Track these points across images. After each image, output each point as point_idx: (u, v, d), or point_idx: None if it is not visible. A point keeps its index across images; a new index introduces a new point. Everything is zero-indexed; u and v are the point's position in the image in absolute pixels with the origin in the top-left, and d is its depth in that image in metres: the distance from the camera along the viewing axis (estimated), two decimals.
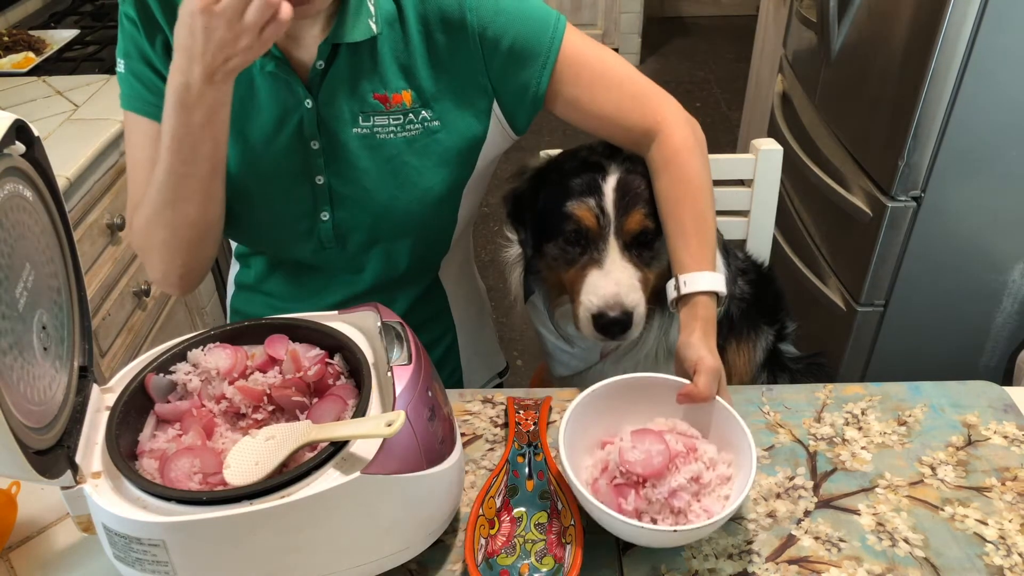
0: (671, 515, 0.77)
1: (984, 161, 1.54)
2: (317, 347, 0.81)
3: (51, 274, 0.74)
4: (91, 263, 1.63)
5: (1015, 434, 0.95)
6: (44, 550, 0.85)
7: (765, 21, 2.69)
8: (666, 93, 1.04)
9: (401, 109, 0.99)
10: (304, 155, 0.99)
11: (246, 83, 0.97)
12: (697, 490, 0.78)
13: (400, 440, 0.67)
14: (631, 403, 0.86)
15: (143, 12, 0.95)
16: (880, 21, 1.65)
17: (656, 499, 0.77)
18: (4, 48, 2.03)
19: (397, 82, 0.98)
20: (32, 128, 0.72)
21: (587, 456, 0.84)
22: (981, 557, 0.80)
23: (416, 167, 1.01)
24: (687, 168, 0.99)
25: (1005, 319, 1.73)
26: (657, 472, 0.77)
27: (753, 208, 1.31)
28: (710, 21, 4.82)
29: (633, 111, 1.01)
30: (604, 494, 0.79)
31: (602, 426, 0.85)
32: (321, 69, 0.95)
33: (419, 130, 1.00)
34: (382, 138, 0.99)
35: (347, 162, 1.00)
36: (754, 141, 1.29)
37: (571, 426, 0.81)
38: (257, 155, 1.00)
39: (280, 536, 0.66)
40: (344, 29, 0.93)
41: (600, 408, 0.85)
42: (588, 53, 1.01)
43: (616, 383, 0.86)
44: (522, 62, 0.98)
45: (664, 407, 0.86)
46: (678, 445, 0.80)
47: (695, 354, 0.87)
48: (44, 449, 0.66)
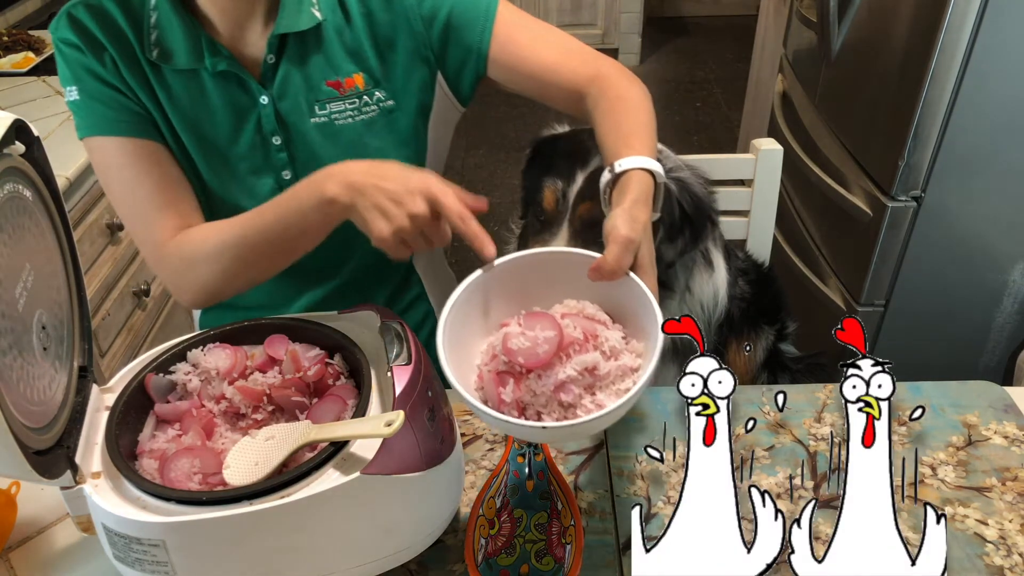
0: (560, 409, 0.70)
1: (984, 161, 1.54)
2: (317, 347, 0.81)
3: (51, 274, 0.74)
4: (91, 263, 1.63)
5: (1015, 434, 0.95)
6: (44, 550, 0.85)
7: (765, 21, 2.69)
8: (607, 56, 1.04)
9: (355, 93, 1.00)
10: (266, 152, 1.00)
11: (197, 87, 0.97)
12: (591, 382, 0.70)
13: (400, 440, 0.67)
14: (544, 282, 0.77)
15: (83, 34, 0.94)
16: (880, 21, 1.65)
17: (542, 391, 0.70)
18: (4, 48, 2.03)
19: (347, 66, 0.99)
20: (32, 128, 0.71)
21: (484, 340, 0.76)
22: (981, 557, 0.80)
23: (379, 148, 1.02)
24: (627, 95, 0.96)
25: (1005, 319, 1.73)
26: (542, 362, 0.69)
27: (753, 208, 1.31)
28: (710, 21, 4.82)
29: (573, 61, 1.00)
30: (487, 382, 0.72)
31: (508, 306, 0.77)
32: (272, 62, 0.96)
33: (375, 111, 1.01)
34: (340, 124, 1.00)
35: (310, 153, 1.00)
36: (754, 141, 1.29)
37: (465, 303, 0.73)
38: (219, 158, 1.00)
39: (280, 536, 0.65)
40: (288, 19, 0.94)
41: (508, 286, 0.76)
42: (522, 14, 1.03)
43: (526, 257, 0.77)
44: (462, 28, 0.99)
45: (578, 287, 0.76)
46: (575, 332, 0.71)
47: (610, 224, 0.76)
48: (44, 449, 0.66)
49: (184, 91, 0.97)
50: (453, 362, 0.69)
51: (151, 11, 0.94)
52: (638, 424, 0.98)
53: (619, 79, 0.98)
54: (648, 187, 0.82)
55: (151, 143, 0.97)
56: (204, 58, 0.94)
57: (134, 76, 0.95)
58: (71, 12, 0.94)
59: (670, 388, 1.05)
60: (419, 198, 0.78)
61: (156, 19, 0.94)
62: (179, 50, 0.94)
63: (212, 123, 0.98)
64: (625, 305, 0.75)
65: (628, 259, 0.74)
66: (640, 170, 0.82)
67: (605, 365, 0.70)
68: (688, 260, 1.14)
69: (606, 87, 0.97)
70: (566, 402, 0.69)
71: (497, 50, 1.00)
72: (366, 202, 0.80)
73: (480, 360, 0.75)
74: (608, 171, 0.85)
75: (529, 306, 0.76)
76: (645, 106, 0.96)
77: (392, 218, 0.79)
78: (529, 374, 0.70)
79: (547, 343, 0.70)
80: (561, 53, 1.01)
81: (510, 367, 0.71)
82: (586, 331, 0.72)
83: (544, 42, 1.02)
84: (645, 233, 0.77)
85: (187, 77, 0.96)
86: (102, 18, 0.94)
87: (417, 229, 0.79)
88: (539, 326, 0.71)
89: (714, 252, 1.17)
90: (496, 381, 0.71)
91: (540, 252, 0.77)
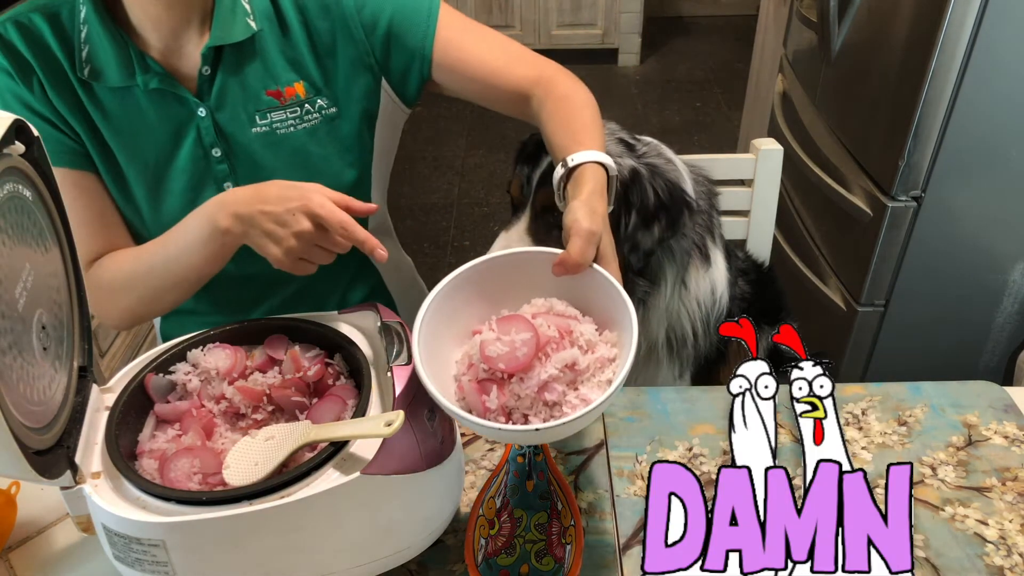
0: (545, 409, 0.70)
1: (984, 161, 1.54)
2: (317, 347, 0.81)
3: (51, 274, 0.74)
4: None
5: (1015, 434, 0.95)
6: (44, 550, 0.85)
7: (765, 21, 2.69)
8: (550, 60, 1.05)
9: (296, 101, 1.00)
10: (206, 165, 1.00)
11: (132, 103, 0.96)
12: (573, 378, 0.70)
13: (400, 440, 0.67)
14: (508, 284, 0.76)
15: (11, 55, 0.92)
16: (880, 21, 1.65)
17: (525, 394, 0.69)
18: None
19: (287, 75, 0.99)
20: (32, 128, 0.71)
21: (457, 349, 0.76)
22: (981, 557, 0.80)
23: (322, 156, 1.02)
24: (572, 95, 0.97)
25: (1005, 319, 1.73)
26: (522, 365, 0.69)
27: (753, 208, 1.31)
28: (710, 21, 4.82)
29: (516, 63, 1.01)
30: (469, 392, 0.71)
31: (475, 312, 0.76)
32: (208, 75, 0.96)
33: (317, 119, 1.01)
34: (283, 133, 1.00)
35: (253, 164, 1.00)
36: (754, 141, 1.29)
37: (434, 315, 0.73)
38: (158, 175, 0.99)
39: (280, 536, 0.65)
40: (223, 31, 0.94)
41: (471, 292, 0.75)
42: (464, 17, 1.03)
43: (487, 262, 0.76)
44: (404, 34, 1.00)
45: (543, 285, 0.76)
46: (550, 330, 0.71)
47: (570, 217, 0.76)
48: (44, 449, 0.66)
49: (119, 108, 0.96)
50: (432, 378, 0.69)
51: (81, 26, 0.93)
52: (638, 424, 0.98)
53: (563, 80, 0.99)
54: (602, 179, 0.82)
55: (78, 172, 0.97)
56: (136, 75, 0.93)
57: (63, 98, 0.94)
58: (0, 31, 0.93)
59: (670, 388, 1.06)
60: (301, 216, 0.81)
61: (86, 34, 0.93)
62: (110, 67, 0.93)
63: (149, 139, 0.97)
64: (592, 297, 0.75)
65: (591, 251, 0.73)
66: (593, 163, 0.83)
67: (584, 359, 0.70)
68: (680, 253, 1.13)
69: (551, 87, 0.98)
70: (551, 401, 0.69)
71: (440, 53, 1.01)
72: (254, 231, 0.83)
73: (456, 371, 0.74)
74: (561, 166, 0.85)
75: (497, 310, 0.76)
76: (591, 105, 0.97)
77: (280, 241, 0.82)
78: (511, 379, 0.70)
79: (525, 345, 0.69)
80: (504, 55, 1.01)
81: (491, 374, 0.71)
82: (560, 328, 0.72)
83: (487, 45, 1.02)
84: (604, 224, 0.77)
85: (121, 94, 0.95)
86: (30, 37, 0.92)
87: (308, 244, 0.83)
88: (514, 329, 0.71)
89: (712, 248, 1.17)
90: (478, 390, 0.70)
91: (499, 255, 0.76)
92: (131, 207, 1.02)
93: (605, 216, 0.78)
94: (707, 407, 1.00)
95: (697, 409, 1.00)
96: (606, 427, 0.98)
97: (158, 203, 1.01)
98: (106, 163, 0.99)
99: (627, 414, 1.00)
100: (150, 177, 0.99)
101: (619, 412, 1.00)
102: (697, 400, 1.01)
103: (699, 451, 0.94)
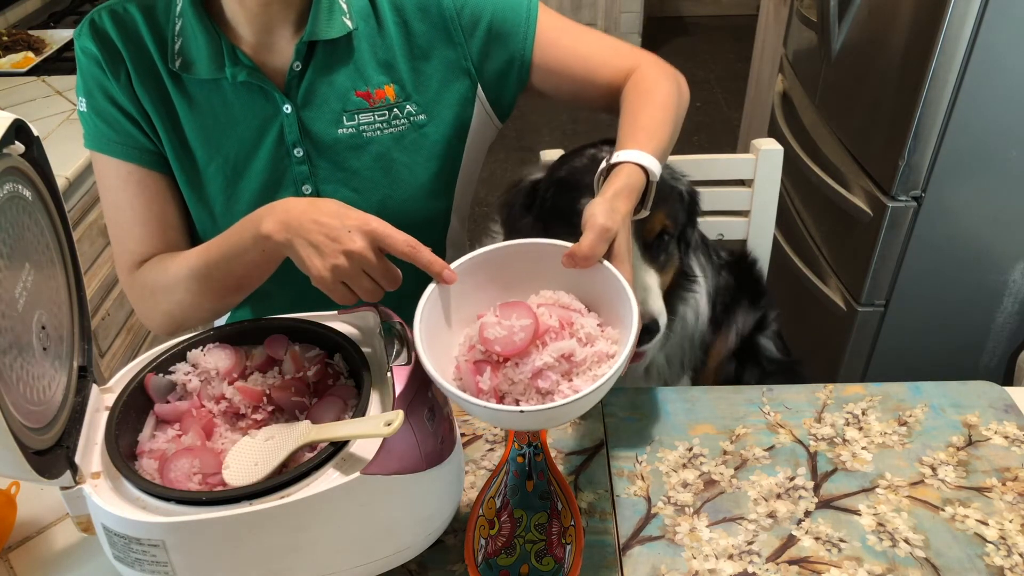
0: (538, 396, 0.70)
1: (984, 161, 1.54)
2: (317, 347, 0.81)
3: (51, 274, 0.74)
4: (91, 263, 1.64)
5: (1016, 434, 0.95)
6: (44, 550, 0.85)
7: (765, 21, 2.69)
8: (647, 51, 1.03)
9: (385, 105, 0.98)
10: (287, 165, 0.98)
11: (219, 98, 0.96)
12: (568, 369, 0.70)
13: (400, 440, 0.67)
14: (520, 274, 0.77)
15: (103, 45, 0.93)
16: (880, 21, 1.65)
17: (519, 379, 0.70)
18: (4, 48, 2.03)
19: (378, 77, 0.97)
20: (32, 128, 0.71)
21: (462, 332, 0.77)
22: (982, 557, 0.80)
23: (406, 163, 1.00)
24: (655, 88, 0.95)
25: (1005, 319, 1.73)
26: (518, 350, 0.69)
27: (753, 208, 1.31)
28: (710, 21, 4.82)
29: (614, 58, 0.99)
30: (464, 372, 0.72)
31: (485, 297, 0.76)
32: (299, 70, 0.95)
33: (405, 125, 0.99)
34: (369, 136, 0.98)
35: (335, 165, 0.99)
36: (754, 141, 1.29)
37: (440, 298, 0.74)
38: (237, 172, 0.98)
39: (280, 536, 0.65)
40: (319, 27, 0.93)
41: (482, 278, 0.76)
42: (561, 17, 1.01)
43: (501, 250, 0.76)
44: (504, 37, 0.98)
45: (554, 278, 0.76)
46: (551, 319, 0.71)
47: (588, 212, 0.75)
48: (43, 449, 0.66)
49: (205, 100, 0.96)
50: (431, 355, 0.69)
51: (176, 19, 0.93)
52: (638, 424, 0.98)
53: (651, 73, 0.97)
54: (636, 181, 0.80)
55: (144, 171, 0.97)
56: (225, 67, 0.93)
57: (148, 90, 0.94)
58: (94, 19, 0.93)
59: (670, 388, 1.06)
60: (357, 234, 0.76)
61: (181, 27, 0.93)
62: (201, 59, 0.93)
63: (232, 134, 0.97)
64: (600, 294, 0.75)
65: (602, 247, 0.73)
66: (632, 164, 0.81)
67: (581, 351, 0.70)
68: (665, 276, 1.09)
69: (637, 80, 0.96)
70: (543, 389, 0.69)
71: (540, 55, 0.99)
72: (301, 239, 0.78)
73: (458, 352, 0.74)
74: (604, 162, 0.84)
75: (505, 298, 0.76)
76: (670, 104, 0.93)
77: (326, 255, 0.76)
78: (506, 362, 0.70)
79: (523, 331, 0.70)
80: (600, 52, 1.00)
81: (487, 356, 0.71)
82: (562, 319, 0.72)
83: (584, 43, 1.01)
84: (624, 223, 0.76)
85: (208, 87, 0.95)
86: (124, 27, 0.93)
87: (357, 268, 0.77)
88: (515, 315, 0.71)
89: (694, 266, 1.13)
90: (473, 370, 0.71)
91: (514, 244, 0.76)
92: (203, 206, 1.00)
93: (627, 216, 0.77)
94: (707, 407, 1.00)
95: (697, 409, 1.00)
96: (606, 427, 0.98)
97: (232, 203, 0.99)
98: (183, 160, 0.97)
99: (627, 414, 1.00)
100: (229, 172, 0.98)
101: (619, 412, 1.00)
102: (697, 400, 1.01)
103: (699, 451, 0.94)
